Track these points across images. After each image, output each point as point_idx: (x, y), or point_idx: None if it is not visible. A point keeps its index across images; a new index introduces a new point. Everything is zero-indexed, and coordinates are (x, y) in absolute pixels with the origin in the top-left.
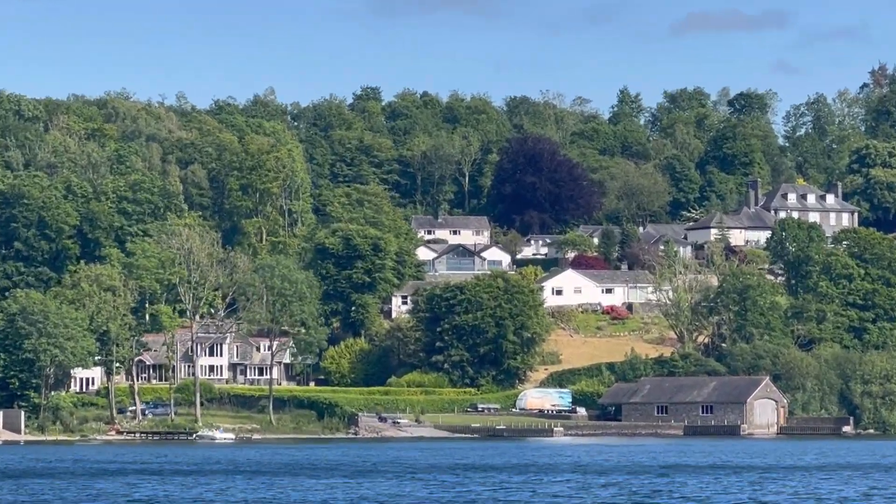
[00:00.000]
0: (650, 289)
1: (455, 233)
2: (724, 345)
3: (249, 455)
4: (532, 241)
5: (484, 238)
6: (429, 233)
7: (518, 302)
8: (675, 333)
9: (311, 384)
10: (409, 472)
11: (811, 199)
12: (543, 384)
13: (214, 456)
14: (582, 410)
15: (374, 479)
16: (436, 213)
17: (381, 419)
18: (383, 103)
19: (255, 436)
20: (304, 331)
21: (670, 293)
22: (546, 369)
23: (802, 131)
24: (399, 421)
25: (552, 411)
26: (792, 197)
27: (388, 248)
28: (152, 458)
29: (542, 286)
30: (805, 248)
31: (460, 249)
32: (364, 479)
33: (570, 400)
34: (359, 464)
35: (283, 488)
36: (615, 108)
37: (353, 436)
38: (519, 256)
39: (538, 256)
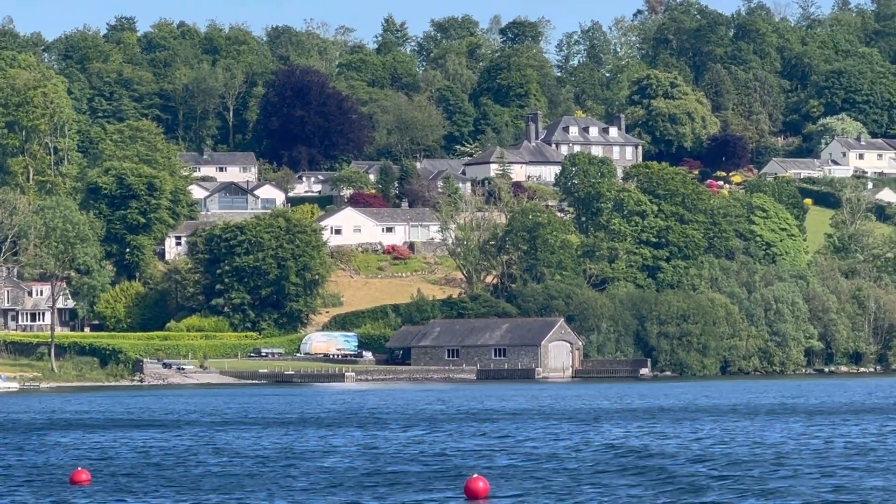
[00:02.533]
0: (434, 227)
1: (221, 169)
2: (513, 285)
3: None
4: (304, 178)
5: (251, 175)
6: (194, 170)
7: (300, 242)
8: (463, 274)
9: (87, 330)
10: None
11: (594, 132)
12: (326, 328)
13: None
14: (369, 355)
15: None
16: (200, 150)
17: (166, 365)
18: (139, 34)
19: (43, 385)
20: (85, 276)
21: (456, 232)
22: (327, 312)
23: (576, 61)
24: (183, 367)
25: (338, 356)
26: (574, 130)
27: (163, 187)
28: None
29: (321, 225)
30: (596, 184)
31: (232, 187)
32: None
33: (357, 344)
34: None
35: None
36: (380, 38)
37: (139, 383)
38: (291, 194)
39: (312, 194)
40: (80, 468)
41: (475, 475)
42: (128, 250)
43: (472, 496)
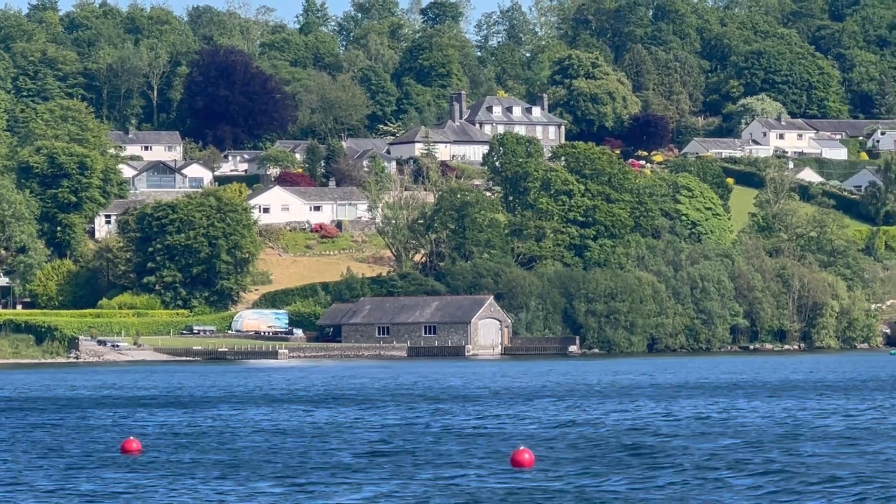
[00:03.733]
0: (361, 206)
1: (147, 148)
2: (442, 264)
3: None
4: (230, 157)
5: (177, 154)
6: (121, 149)
7: (231, 221)
8: (392, 252)
9: (19, 307)
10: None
11: (517, 111)
12: (256, 305)
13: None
14: (299, 332)
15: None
16: (125, 129)
17: (101, 343)
18: (61, 13)
19: None
20: (21, 255)
21: (385, 211)
22: (257, 290)
23: (496, 41)
24: (118, 344)
25: (269, 333)
26: (497, 110)
27: (94, 166)
28: None
29: (250, 204)
30: (523, 163)
31: (161, 166)
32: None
33: (287, 321)
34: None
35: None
36: (301, 18)
37: (75, 360)
38: (218, 173)
39: (238, 173)
40: (131, 437)
41: (521, 447)
42: (59, 229)
43: (519, 466)
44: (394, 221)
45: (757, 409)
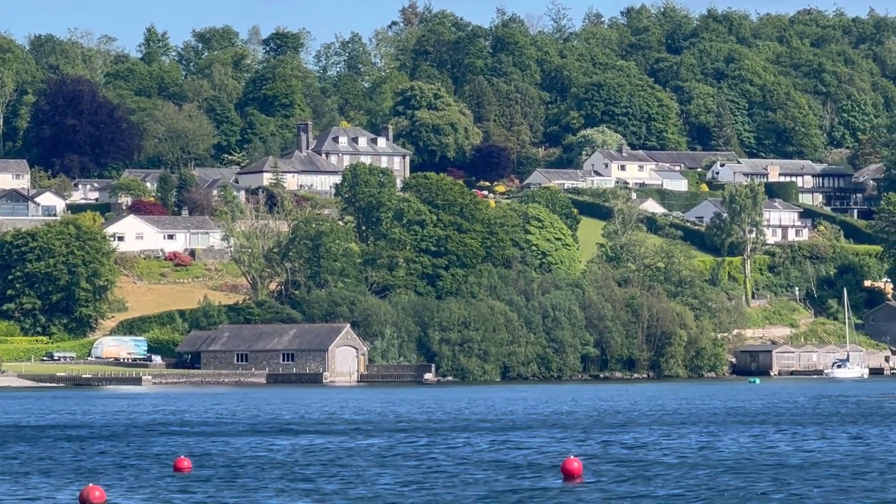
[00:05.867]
0: (214, 235)
1: None
2: (297, 292)
3: None
4: (80, 186)
5: (25, 182)
6: None
7: (90, 249)
8: (248, 280)
9: None
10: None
11: (363, 142)
12: (114, 332)
13: None
14: (158, 359)
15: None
16: None
17: None
18: None
19: None
20: None
21: (240, 239)
22: (114, 317)
23: (335, 71)
24: None
25: (128, 359)
26: (343, 140)
27: None
28: None
29: (106, 232)
30: (377, 193)
31: (14, 194)
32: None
33: (146, 348)
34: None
35: None
36: (143, 48)
37: None
38: (69, 201)
39: (89, 201)
40: (182, 456)
41: (571, 457)
42: None
43: (569, 475)
44: (249, 250)
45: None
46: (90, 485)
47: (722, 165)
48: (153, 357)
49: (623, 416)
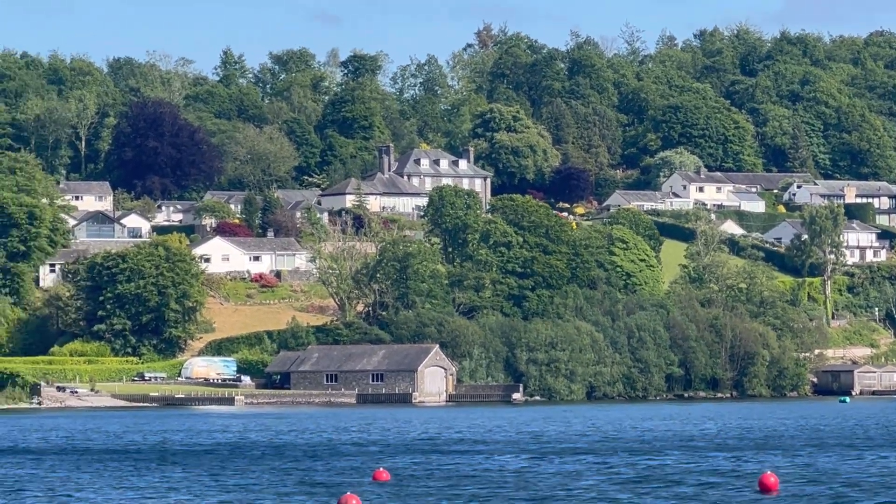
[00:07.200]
0: (299, 256)
1: (78, 198)
2: (384, 313)
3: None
4: (163, 207)
5: (107, 203)
6: (65, 199)
7: (180, 270)
8: (336, 302)
9: None
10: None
11: (444, 164)
12: (202, 353)
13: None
14: (247, 379)
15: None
16: (57, 179)
17: (60, 389)
18: None
19: None
20: None
21: (328, 261)
22: (201, 338)
23: (411, 94)
24: (76, 391)
25: (217, 380)
26: (425, 162)
27: (43, 216)
28: None
29: (194, 253)
30: (463, 215)
31: (100, 216)
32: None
33: (236, 368)
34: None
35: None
36: (220, 70)
37: (38, 405)
38: (153, 223)
39: (173, 223)
40: (381, 468)
41: (768, 472)
42: (7, 278)
43: (766, 489)
44: (336, 271)
45: None
46: (347, 493)
47: (799, 187)
48: (242, 377)
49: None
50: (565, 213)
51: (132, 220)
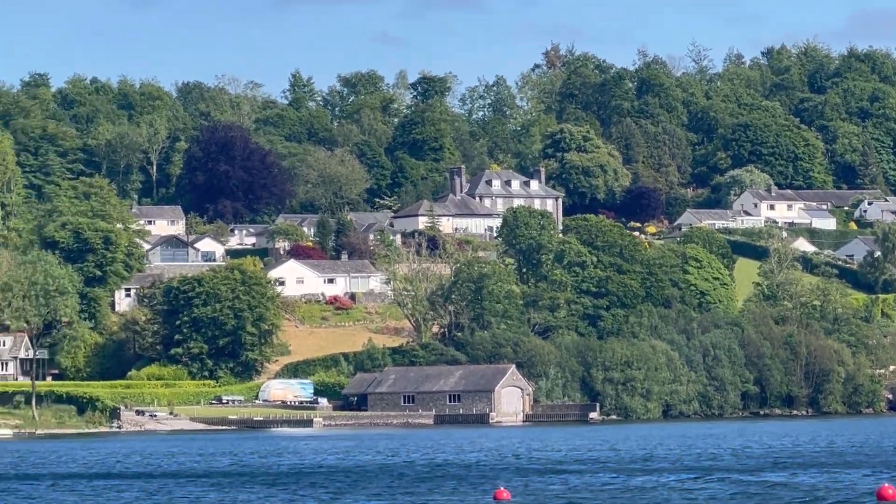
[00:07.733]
0: (376, 278)
1: (150, 223)
2: (459, 334)
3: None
4: (236, 231)
5: (180, 227)
6: (140, 224)
7: (255, 293)
8: (411, 323)
9: (49, 379)
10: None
11: (515, 184)
12: (279, 375)
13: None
14: (324, 401)
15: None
16: (129, 204)
17: (139, 412)
18: (53, 90)
19: (38, 431)
20: (67, 328)
21: (402, 283)
22: (277, 361)
23: (480, 115)
24: (156, 414)
25: (295, 402)
26: (496, 183)
27: (119, 241)
28: None
29: (270, 276)
30: (537, 236)
31: (174, 241)
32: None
33: (313, 391)
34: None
35: None
36: (289, 93)
37: (118, 429)
38: (226, 247)
39: (246, 247)
40: (502, 487)
41: (886, 484)
42: (85, 302)
43: (884, 499)
44: (412, 293)
45: None
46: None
47: (870, 203)
48: (319, 399)
49: None
50: (637, 233)
51: (206, 244)
